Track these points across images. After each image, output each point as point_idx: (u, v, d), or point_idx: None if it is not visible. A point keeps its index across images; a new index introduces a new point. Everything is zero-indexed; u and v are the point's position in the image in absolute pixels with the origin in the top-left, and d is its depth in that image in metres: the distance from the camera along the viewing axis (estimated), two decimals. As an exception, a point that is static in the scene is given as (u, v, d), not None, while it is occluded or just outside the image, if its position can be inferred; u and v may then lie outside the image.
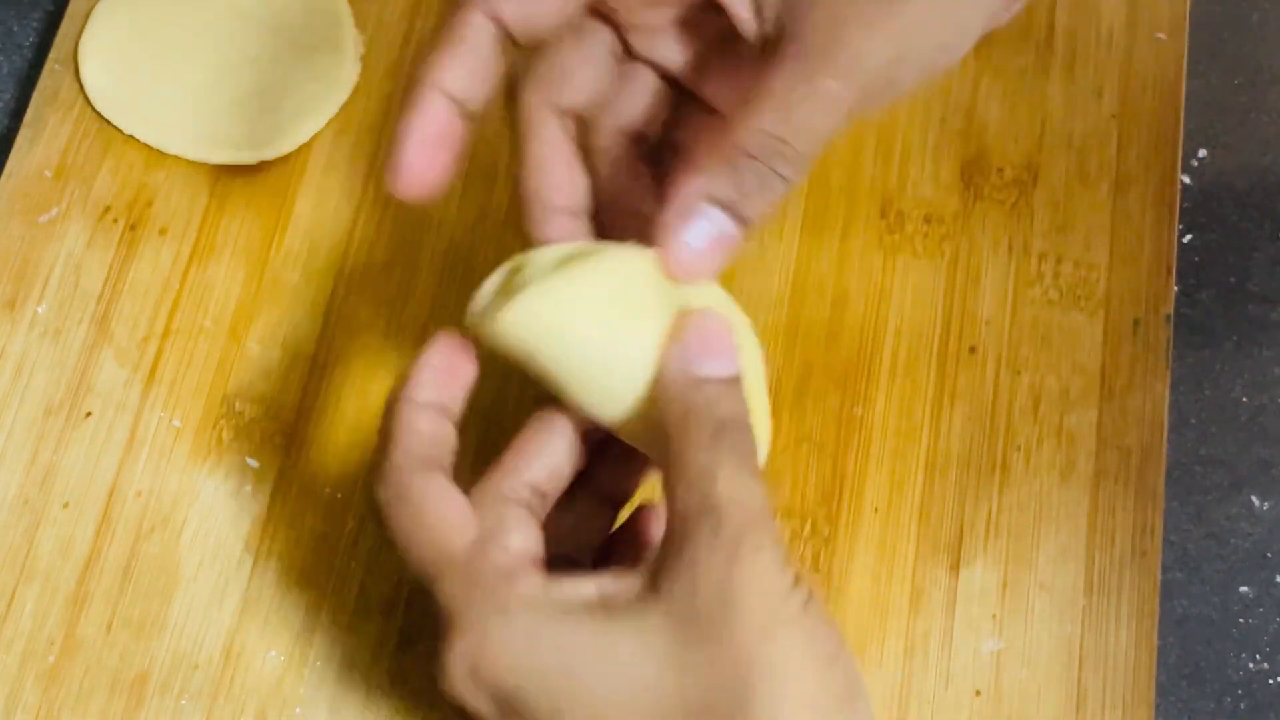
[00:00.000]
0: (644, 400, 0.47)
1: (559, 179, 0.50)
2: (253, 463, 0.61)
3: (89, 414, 0.62)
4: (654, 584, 0.44)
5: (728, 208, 0.46)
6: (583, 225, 0.51)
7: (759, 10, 0.47)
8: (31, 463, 0.61)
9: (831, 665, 0.44)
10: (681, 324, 0.47)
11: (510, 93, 0.50)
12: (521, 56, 0.49)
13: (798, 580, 0.44)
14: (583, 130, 0.51)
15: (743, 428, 0.46)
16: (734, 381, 0.46)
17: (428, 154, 0.47)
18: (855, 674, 0.45)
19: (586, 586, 0.45)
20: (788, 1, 0.47)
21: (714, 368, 0.46)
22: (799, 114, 0.46)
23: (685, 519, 0.44)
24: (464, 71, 0.47)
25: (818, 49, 0.46)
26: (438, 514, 0.47)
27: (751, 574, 0.43)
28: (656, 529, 0.53)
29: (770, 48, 0.47)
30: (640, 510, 0.53)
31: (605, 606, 0.44)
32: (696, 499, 0.44)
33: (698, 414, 0.45)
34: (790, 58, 0.46)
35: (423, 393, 0.48)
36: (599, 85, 0.51)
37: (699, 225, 0.46)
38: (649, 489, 0.52)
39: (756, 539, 0.43)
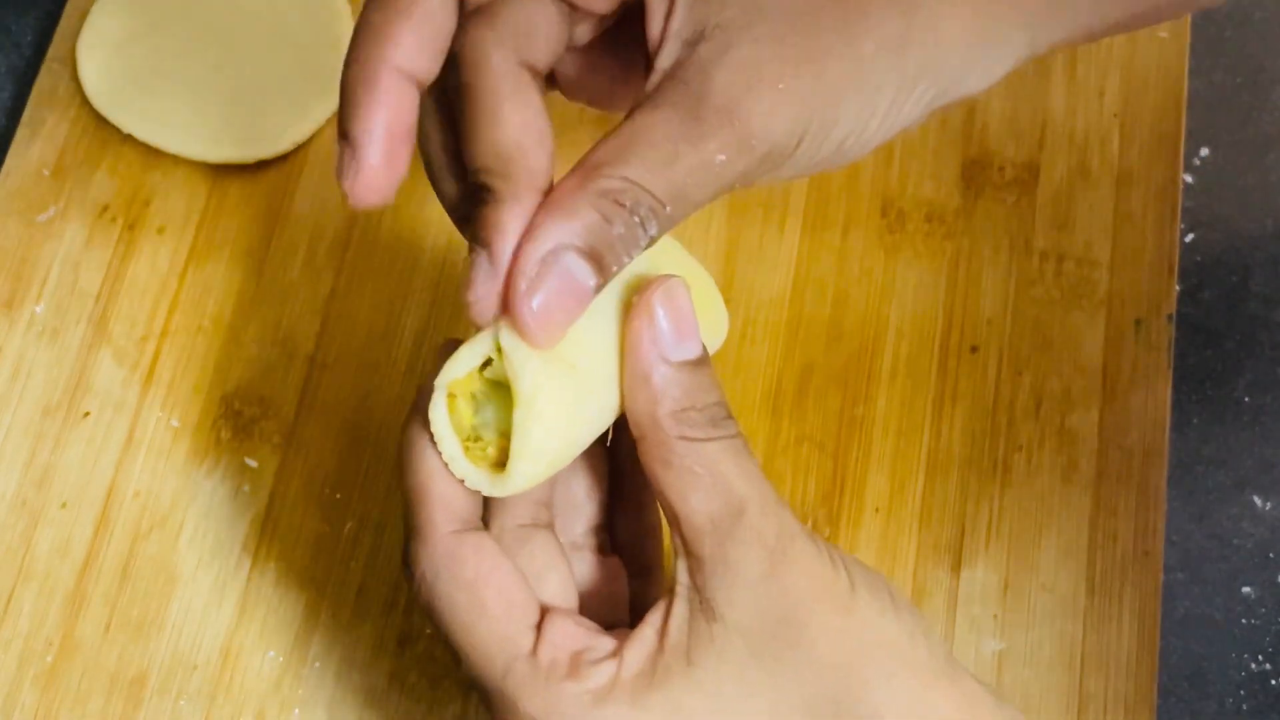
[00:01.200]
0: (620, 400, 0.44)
1: (543, 154, 0.42)
2: (251, 463, 0.61)
3: (87, 414, 0.62)
4: (705, 606, 0.42)
5: (592, 258, 0.40)
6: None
7: (662, 35, 0.41)
8: (29, 463, 0.61)
9: (910, 624, 0.44)
10: (642, 310, 0.42)
11: (464, 50, 0.42)
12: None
13: (833, 559, 0.43)
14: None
15: (726, 407, 0.43)
16: (707, 358, 0.43)
17: (393, 154, 0.41)
18: (928, 625, 0.45)
19: (645, 633, 0.42)
20: (690, 45, 0.41)
21: (687, 350, 0.42)
22: (680, 178, 0.40)
23: (715, 524, 0.41)
24: (421, 43, 0.41)
25: (714, 114, 0.40)
26: (498, 595, 0.42)
27: (804, 573, 0.42)
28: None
29: (663, 79, 0.41)
30: None
31: (674, 651, 0.42)
32: (717, 502, 0.42)
33: (689, 405, 0.42)
34: (682, 108, 0.40)
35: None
36: (559, 44, 0.44)
37: (561, 277, 0.40)
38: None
39: (791, 531, 0.42)
